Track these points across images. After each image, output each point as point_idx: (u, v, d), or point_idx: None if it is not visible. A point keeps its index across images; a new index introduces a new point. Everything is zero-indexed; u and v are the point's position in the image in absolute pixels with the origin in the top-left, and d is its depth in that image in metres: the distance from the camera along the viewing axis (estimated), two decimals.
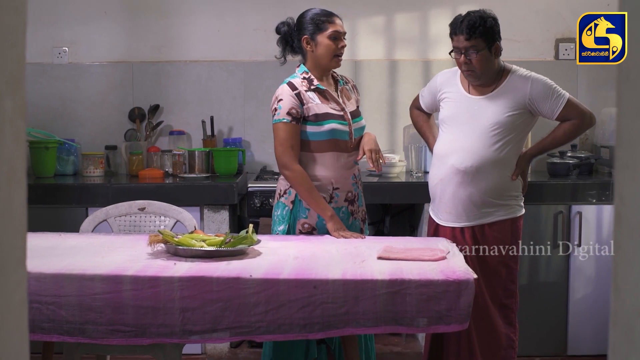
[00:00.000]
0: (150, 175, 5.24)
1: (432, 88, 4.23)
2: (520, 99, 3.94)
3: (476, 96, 4.01)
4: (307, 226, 3.85)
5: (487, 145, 3.94)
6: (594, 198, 4.94)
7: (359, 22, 5.57)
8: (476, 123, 3.96)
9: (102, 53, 5.69)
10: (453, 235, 3.98)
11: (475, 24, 3.85)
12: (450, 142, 4.03)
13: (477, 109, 3.98)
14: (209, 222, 4.90)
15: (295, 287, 2.94)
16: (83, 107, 5.68)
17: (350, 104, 3.98)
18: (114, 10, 5.69)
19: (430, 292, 2.94)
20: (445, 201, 4.04)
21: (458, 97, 4.06)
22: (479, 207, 3.99)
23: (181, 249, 3.25)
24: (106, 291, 2.97)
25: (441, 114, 4.14)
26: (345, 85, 4.03)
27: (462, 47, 3.89)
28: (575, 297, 4.96)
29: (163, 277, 2.98)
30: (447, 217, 4.05)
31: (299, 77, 3.87)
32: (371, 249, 3.41)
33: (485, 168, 3.95)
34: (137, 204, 4.24)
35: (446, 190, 4.02)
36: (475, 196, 3.97)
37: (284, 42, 3.98)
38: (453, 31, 3.93)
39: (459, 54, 3.91)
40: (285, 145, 3.78)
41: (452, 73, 4.16)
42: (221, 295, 2.94)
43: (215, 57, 5.68)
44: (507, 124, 3.94)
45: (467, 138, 3.97)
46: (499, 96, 3.97)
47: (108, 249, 3.46)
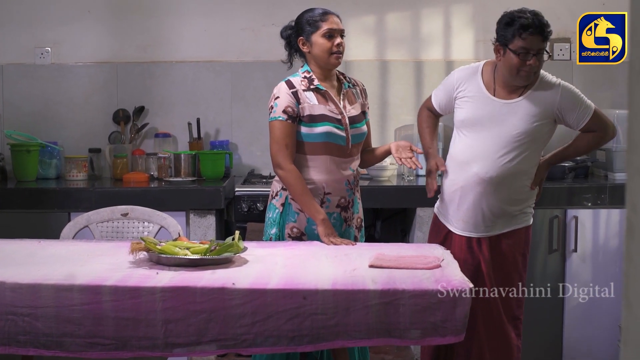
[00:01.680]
0: (134, 179, 5.18)
1: (447, 85, 4.00)
2: (549, 107, 3.81)
3: (503, 100, 3.83)
4: (296, 230, 3.77)
5: (512, 154, 3.81)
6: (590, 202, 4.87)
7: (349, 21, 5.43)
8: (502, 129, 3.80)
9: (85, 53, 5.59)
10: (469, 246, 3.88)
11: (547, 24, 3.74)
12: (473, 148, 3.85)
13: (503, 114, 3.81)
14: (195, 228, 4.81)
15: (283, 298, 2.85)
16: (66, 109, 5.58)
17: (352, 108, 3.87)
18: (98, 9, 5.59)
19: (425, 302, 2.85)
20: (464, 210, 3.89)
21: (481, 98, 3.86)
22: (498, 217, 3.88)
23: (164, 258, 3.16)
24: (85, 302, 2.87)
25: (459, 115, 3.92)
26: (352, 89, 3.93)
27: (537, 48, 3.71)
28: (571, 303, 4.89)
29: (144, 287, 2.88)
30: (464, 226, 3.91)
31: (300, 75, 3.80)
32: (362, 257, 3.31)
33: (508, 178, 3.83)
34: (119, 209, 4.16)
35: (466, 198, 3.87)
36: (495, 207, 3.86)
37: (289, 46, 3.91)
38: (529, 31, 3.70)
39: (530, 56, 3.71)
40: (280, 144, 3.70)
41: (472, 70, 3.94)
42: (206, 306, 2.85)
43: (202, 57, 5.59)
44: (533, 133, 3.80)
45: (492, 145, 3.81)
46: (528, 102, 3.81)
47: (88, 257, 3.36)
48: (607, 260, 4.90)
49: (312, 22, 3.76)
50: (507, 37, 3.73)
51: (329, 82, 3.84)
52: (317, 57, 3.77)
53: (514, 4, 5.46)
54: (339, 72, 3.92)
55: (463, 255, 3.83)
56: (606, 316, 4.85)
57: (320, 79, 3.80)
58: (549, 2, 5.52)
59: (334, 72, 3.87)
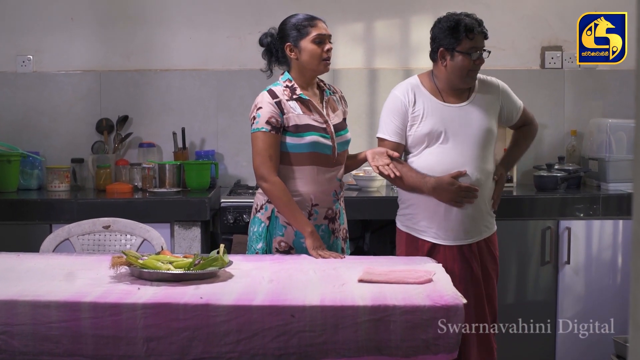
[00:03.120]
0: (118, 190, 5.12)
1: (397, 108, 3.86)
2: (496, 103, 3.93)
3: (455, 104, 3.85)
4: (284, 244, 3.70)
5: (483, 153, 3.84)
6: (583, 212, 4.83)
7: (337, 29, 5.40)
8: (467, 132, 3.81)
9: (68, 61, 5.53)
10: (460, 254, 3.83)
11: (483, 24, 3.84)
12: (449, 156, 3.80)
13: (462, 118, 3.83)
14: (180, 240, 4.74)
15: (269, 315, 2.76)
16: (48, 118, 5.51)
17: (335, 115, 3.81)
18: (81, 16, 5.52)
19: (416, 319, 2.76)
20: (452, 219, 3.81)
21: (436, 107, 3.83)
22: (484, 219, 3.88)
23: (146, 272, 3.06)
24: (63, 319, 2.77)
25: (422, 129, 3.81)
26: (333, 96, 3.87)
27: (481, 47, 3.81)
28: (564, 316, 4.83)
29: (125, 304, 2.78)
30: (454, 235, 3.83)
31: (282, 84, 3.71)
32: (351, 271, 3.23)
33: (486, 178, 3.86)
34: (101, 221, 4.07)
35: (453, 208, 3.80)
36: (480, 209, 3.85)
37: (268, 53, 3.81)
38: (471, 31, 3.76)
39: (478, 54, 3.79)
40: (264, 156, 3.61)
41: (412, 85, 3.89)
42: (189, 324, 2.75)
43: (187, 65, 5.54)
44: (491, 130, 3.88)
45: (465, 150, 3.80)
46: (477, 103, 3.88)
47: (68, 271, 3.26)
48: (600, 273, 4.87)
49: (301, 28, 3.68)
50: (454, 41, 3.77)
51: (310, 90, 3.77)
52: (305, 64, 3.69)
53: (503, 11, 5.49)
54: (319, 79, 3.84)
55: (457, 265, 3.80)
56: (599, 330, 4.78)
57: (302, 87, 3.72)
58: (539, 8, 5.54)
59: (315, 80, 3.79)
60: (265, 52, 3.82)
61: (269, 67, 3.83)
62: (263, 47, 3.82)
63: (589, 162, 5.30)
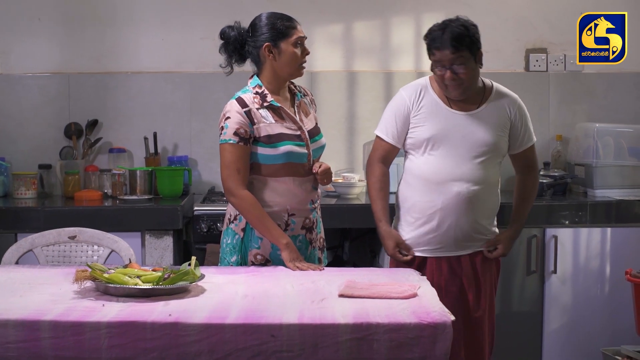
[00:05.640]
0: (87, 197, 5.04)
1: (399, 107, 3.80)
2: (506, 118, 3.78)
3: (461, 112, 3.73)
4: (260, 257, 3.56)
5: (485, 167, 3.72)
6: (569, 220, 4.77)
7: (315, 30, 5.38)
8: (470, 142, 3.70)
9: (35, 63, 5.45)
10: (449, 266, 3.75)
11: (461, 35, 3.60)
12: (447, 166, 3.70)
13: (467, 126, 3.71)
14: (151, 249, 4.65)
15: (243, 334, 2.59)
16: (14, 123, 5.43)
17: (308, 120, 3.66)
18: (48, 16, 5.45)
19: (401, 337, 2.60)
20: (443, 231, 3.72)
21: (440, 112, 3.73)
22: (479, 232, 3.77)
23: (112, 287, 2.90)
24: (21, 339, 2.61)
25: (422, 133, 3.73)
26: (304, 99, 3.72)
27: (448, 61, 3.60)
28: (551, 327, 4.79)
29: (88, 323, 2.62)
30: (444, 247, 3.75)
31: (251, 91, 3.55)
32: (331, 284, 3.08)
33: (485, 192, 3.74)
34: (66, 231, 3.93)
35: (447, 219, 3.71)
36: (475, 223, 3.75)
37: (230, 48, 3.61)
38: (434, 46, 3.63)
39: (444, 69, 3.62)
40: (231, 169, 3.48)
41: (421, 85, 3.81)
42: (157, 344, 2.59)
43: (159, 68, 5.47)
44: (498, 143, 3.74)
45: (465, 161, 3.70)
46: (487, 113, 3.74)
47: (29, 285, 3.10)
48: (588, 282, 4.81)
49: (281, 28, 3.52)
50: (429, 53, 3.71)
51: (282, 94, 3.62)
52: (282, 67, 3.54)
53: (486, 12, 5.40)
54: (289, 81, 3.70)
55: (444, 278, 3.72)
56: (587, 342, 4.74)
57: (273, 92, 3.57)
58: (524, 10, 5.55)
59: (287, 83, 3.65)
60: (225, 47, 3.63)
61: (229, 63, 3.65)
62: (225, 41, 3.63)
63: (575, 167, 5.25)
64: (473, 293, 3.74)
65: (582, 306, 4.76)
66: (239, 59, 3.63)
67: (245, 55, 3.61)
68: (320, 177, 3.57)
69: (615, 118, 5.36)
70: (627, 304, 4.34)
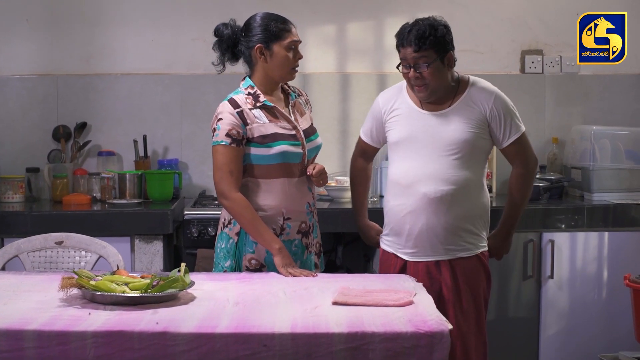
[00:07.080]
0: (75, 201, 4.98)
1: (374, 111, 3.86)
2: (482, 114, 3.67)
3: (431, 112, 3.68)
4: (255, 262, 3.50)
5: (455, 167, 3.63)
6: (566, 224, 4.71)
7: (308, 31, 5.33)
8: (437, 143, 3.64)
9: (23, 65, 5.40)
10: (427, 272, 3.66)
11: (425, 34, 3.55)
12: (414, 167, 3.67)
13: (436, 126, 3.66)
14: (141, 254, 4.58)
15: (234, 343, 2.52)
16: (2, 125, 5.38)
17: (304, 120, 3.62)
18: (36, 17, 5.39)
19: (398, 347, 2.54)
20: (416, 234, 3.68)
21: (410, 113, 3.72)
22: (456, 235, 3.67)
23: (99, 295, 2.83)
24: (4, 349, 2.55)
25: (392, 136, 3.76)
26: (298, 99, 3.68)
27: (411, 59, 3.58)
28: (547, 333, 4.73)
29: (74, 332, 2.55)
30: (420, 251, 3.69)
31: (243, 92, 3.51)
32: (325, 292, 3.01)
33: (460, 193, 3.64)
34: (53, 237, 3.86)
35: (418, 222, 3.66)
36: (451, 225, 3.65)
37: (223, 47, 3.56)
38: (400, 42, 3.62)
39: (408, 67, 3.60)
40: (224, 171, 3.43)
41: (396, 89, 3.83)
42: (144, 354, 2.53)
43: (149, 69, 5.41)
44: (472, 141, 3.64)
45: (432, 162, 3.64)
46: (457, 111, 3.67)
47: (14, 293, 3.02)
48: (585, 287, 4.76)
49: (275, 30, 3.47)
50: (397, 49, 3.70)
51: (275, 95, 3.58)
52: (273, 69, 3.50)
53: (481, 13, 5.35)
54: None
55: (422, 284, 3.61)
56: (584, 348, 4.71)
57: (265, 92, 3.53)
58: (520, 11, 5.50)
59: (279, 84, 3.62)
60: (219, 44, 3.60)
61: (222, 61, 3.61)
62: (217, 38, 3.60)
63: (572, 171, 5.21)
64: (452, 302, 3.64)
65: (580, 311, 4.71)
66: (231, 58, 3.59)
67: (238, 55, 3.58)
68: (315, 179, 3.53)
69: (612, 120, 5.33)
70: (625, 310, 4.29)
